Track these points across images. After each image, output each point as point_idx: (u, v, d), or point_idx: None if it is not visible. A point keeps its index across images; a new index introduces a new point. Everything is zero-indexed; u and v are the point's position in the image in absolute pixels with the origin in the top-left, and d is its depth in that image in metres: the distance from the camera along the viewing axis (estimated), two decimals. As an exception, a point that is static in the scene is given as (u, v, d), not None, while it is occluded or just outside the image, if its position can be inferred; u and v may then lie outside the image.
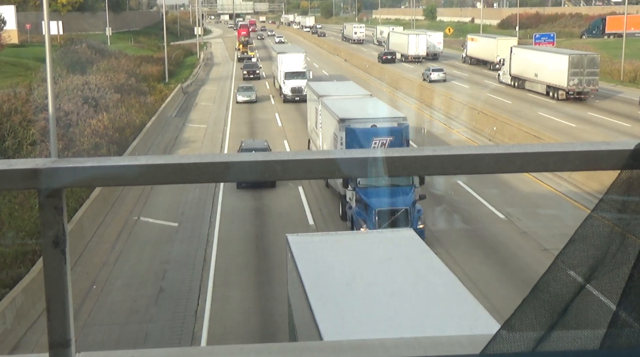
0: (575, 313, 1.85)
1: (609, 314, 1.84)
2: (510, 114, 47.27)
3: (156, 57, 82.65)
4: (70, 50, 68.30)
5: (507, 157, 1.86)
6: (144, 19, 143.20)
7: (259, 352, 2.09)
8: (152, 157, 1.87)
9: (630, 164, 1.81)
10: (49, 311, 1.87)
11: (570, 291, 1.84)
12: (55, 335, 1.87)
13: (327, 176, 1.91)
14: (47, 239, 1.83)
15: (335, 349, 2.06)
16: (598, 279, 1.83)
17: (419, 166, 1.87)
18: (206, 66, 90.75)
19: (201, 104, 60.39)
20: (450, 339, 2.05)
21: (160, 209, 29.33)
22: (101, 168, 1.84)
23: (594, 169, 1.87)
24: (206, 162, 1.83)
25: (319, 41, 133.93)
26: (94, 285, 21.81)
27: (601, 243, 1.83)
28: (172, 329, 19.15)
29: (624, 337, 1.84)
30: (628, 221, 1.82)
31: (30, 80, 48.93)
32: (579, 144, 1.89)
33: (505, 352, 1.85)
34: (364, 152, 1.87)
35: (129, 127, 41.92)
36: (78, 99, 44.27)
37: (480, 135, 42.75)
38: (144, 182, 1.86)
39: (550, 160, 1.86)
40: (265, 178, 1.84)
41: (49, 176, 1.80)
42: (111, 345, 18.05)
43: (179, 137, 46.29)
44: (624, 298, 1.82)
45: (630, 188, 1.81)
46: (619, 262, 1.82)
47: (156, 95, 57.33)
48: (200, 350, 3.10)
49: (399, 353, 2.02)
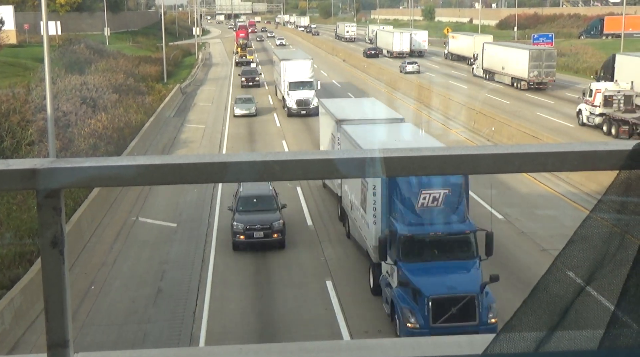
0: (575, 314, 1.85)
1: (608, 315, 1.84)
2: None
3: (154, 57, 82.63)
4: (68, 50, 68.28)
5: (505, 157, 1.86)
6: (142, 19, 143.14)
7: (257, 353, 2.09)
8: (150, 157, 1.86)
9: (629, 165, 1.81)
10: (47, 311, 1.86)
11: (570, 292, 1.84)
12: (53, 335, 1.87)
13: (325, 176, 1.91)
14: (45, 240, 1.83)
15: (334, 349, 2.06)
16: (597, 280, 1.83)
17: (417, 167, 1.87)
18: (205, 67, 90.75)
19: (200, 104, 60.37)
20: (449, 340, 2.05)
21: (159, 210, 29.32)
22: (99, 168, 1.84)
23: (592, 170, 1.87)
24: (204, 163, 1.83)
25: (315, 40, 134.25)
26: (93, 285, 21.80)
27: (600, 244, 1.83)
28: (171, 329, 19.14)
29: (622, 337, 1.84)
30: (627, 222, 1.82)
31: (28, 80, 48.91)
32: (577, 144, 1.89)
33: (505, 352, 1.86)
34: (362, 152, 1.87)
35: (127, 128, 41.90)
36: (76, 99, 44.26)
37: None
38: (142, 182, 1.86)
39: (549, 160, 1.86)
40: (264, 178, 1.84)
41: (47, 176, 1.80)
42: (109, 345, 18.04)
43: (177, 137, 46.27)
44: (622, 299, 1.82)
45: (629, 188, 1.81)
46: (618, 263, 1.82)
47: (154, 96, 57.29)
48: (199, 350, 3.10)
49: (397, 354, 2.02)
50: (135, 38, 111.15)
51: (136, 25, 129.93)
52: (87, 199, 27.14)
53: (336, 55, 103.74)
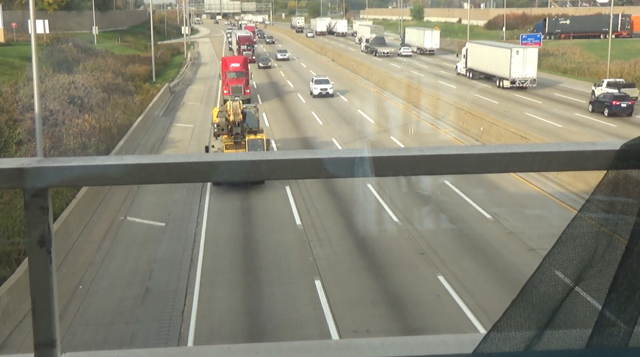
0: (564, 314, 1.86)
1: (596, 315, 1.85)
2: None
3: (143, 56, 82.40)
4: (56, 49, 67.97)
5: (493, 157, 1.86)
6: (130, 18, 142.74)
7: (246, 352, 2.09)
8: (138, 156, 1.86)
9: (616, 165, 1.82)
10: (35, 311, 1.86)
11: (559, 293, 1.85)
12: (40, 335, 1.86)
13: (314, 176, 1.91)
14: (32, 239, 1.82)
15: (322, 349, 2.06)
16: (586, 280, 1.84)
17: (405, 166, 1.87)
18: (193, 66, 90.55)
19: (188, 103, 60.25)
20: (437, 339, 2.06)
21: (147, 209, 29.24)
22: (87, 168, 1.84)
23: (579, 169, 1.88)
24: (192, 162, 1.82)
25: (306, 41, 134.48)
26: (80, 285, 21.72)
27: (589, 244, 1.84)
28: (159, 329, 19.10)
29: (609, 336, 1.85)
30: (615, 222, 1.83)
31: (16, 79, 48.71)
32: (564, 144, 1.89)
33: (494, 352, 1.86)
34: (351, 152, 1.87)
35: (115, 127, 41.77)
36: (64, 98, 44.10)
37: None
38: (130, 181, 1.85)
39: (536, 160, 1.87)
40: (251, 178, 1.84)
41: (35, 176, 1.79)
42: (97, 345, 17.98)
43: (165, 136, 46.16)
44: (610, 298, 1.83)
45: (616, 188, 1.82)
46: (607, 263, 1.83)
47: (143, 95, 57.13)
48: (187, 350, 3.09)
49: (385, 353, 2.02)
50: (124, 37, 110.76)
51: (125, 24, 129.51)
52: (75, 199, 27.04)
53: (325, 54, 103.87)
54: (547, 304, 1.86)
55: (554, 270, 1.84)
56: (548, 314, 1.86)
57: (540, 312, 1.87)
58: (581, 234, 1.84)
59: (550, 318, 1.87)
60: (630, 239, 1.81)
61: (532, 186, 31.12)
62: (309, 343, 2.07)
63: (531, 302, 1.86)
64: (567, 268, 1.84)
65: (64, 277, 21.67)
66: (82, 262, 23.53)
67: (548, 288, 1.85)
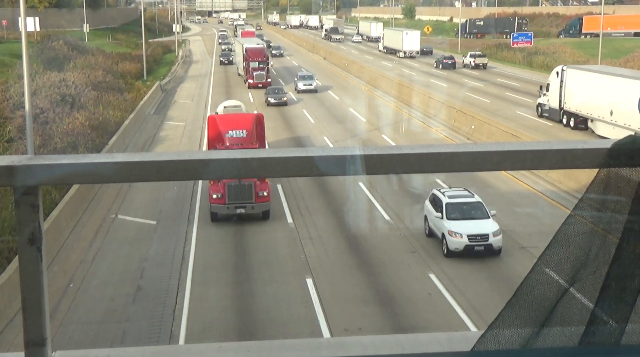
0: (559, 315, 1.86)
1: (588, 313, 1.85)
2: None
3: (134, 54, 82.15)
4: (47, 46, 67.74)
5: (484, 155, 1.86)
6: (121, 16, 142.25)
7: (236, 350, 2.08)
8: (129, 154, 1.85)
9: (607, 163, 1.82)
10: (25, 310, 1.85)
11: (553, 292, 1.86)
12: (31, 334, 1.85)
13: (304, 174, 1.91)
14: (22, 237, 1.81)
15: (313, 347, 2.06)
16: (580, 280, 1.85)
17: (396, 164, 1.87)
18: (185, 64, 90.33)
19: (180, 101, 60.12)
20: (429, 337, 2.06)
21: (138, 207, 29.17)
22: (77, 165, 1.83)
23: (571, 168, 1.88)
24: (183, 160, 1.82)
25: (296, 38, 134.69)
26: (71, 283, 21.66)
27: (582, 244, 1.85)
28: (150, 327, 19.06)
29: (600, 334, 1.85)
30: (607, 220, 1.83)
31: (6, 77, 48.50)
32: (556, 142, 1.90)
33: (490, 350, 1.87)
34: (342, 150, 1.86)
35: (106, 125, 41.64)
36: (55, 96, 43.93)
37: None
38: (121, 179, 1.84)
39: (528, 158, 1.87)
40: (243, 175, 1.83)
41: (25, 173, 1.78)
42: (88, 344, 17.92)
43: (157, 134, 46.07)
44: (601, 297, 1.84)
45: (608, 187, 1.82)
46: (600, 262, 1.84)
47: (134, 93, 56.96)
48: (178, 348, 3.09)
49: (377, 351, 2.02)
50: (115, 35, 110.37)
51: (116, 22, 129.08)
52: (66, 197, 26.94)
53: (316, 53, 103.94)
54: (542, 304, 1.87)
55: (548, 270, 1.85)
56: (543, 313, 1.87)
57: (535, 312, 1.87)
58: (575, 233, 1.84)
59: (545, 317, 1.87)
60: (622, 237, 1.82)
61: (523, 184, 31.18)
62: (301, 341, 2.07)
63: (526, 303, 1.87)
64: (561, 268, 1.85)
65: (54, 275, 21.60)
66: (73, 261, 23.46)
67: (543, 288, 1.86)
